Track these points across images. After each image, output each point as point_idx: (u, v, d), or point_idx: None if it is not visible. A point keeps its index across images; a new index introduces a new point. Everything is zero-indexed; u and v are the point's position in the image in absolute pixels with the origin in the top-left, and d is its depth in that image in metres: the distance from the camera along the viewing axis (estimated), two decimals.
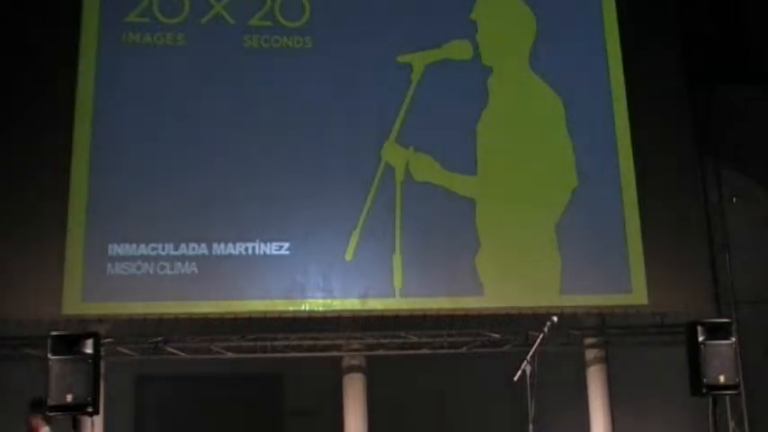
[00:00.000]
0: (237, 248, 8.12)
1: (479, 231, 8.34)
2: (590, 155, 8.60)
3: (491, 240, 8.32)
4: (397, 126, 8.48)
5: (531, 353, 6.28)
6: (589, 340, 8.95)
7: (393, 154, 8.42)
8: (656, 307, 8.42)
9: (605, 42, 8.91)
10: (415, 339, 8.45)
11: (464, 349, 8.48)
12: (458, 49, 8.69)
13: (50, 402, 6.74)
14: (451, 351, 8.46)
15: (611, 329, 8.91)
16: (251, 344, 8.38)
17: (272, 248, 8.19)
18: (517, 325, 8.26)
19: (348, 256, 8.19)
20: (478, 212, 8.40)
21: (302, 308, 8.26)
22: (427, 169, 8.42)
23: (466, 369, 8.75)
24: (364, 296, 8.14)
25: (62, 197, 8.41)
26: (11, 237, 8.22)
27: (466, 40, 8.70)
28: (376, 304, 8.18)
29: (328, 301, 8.21)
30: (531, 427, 6.16)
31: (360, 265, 8.15)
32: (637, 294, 8.38)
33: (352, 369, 8.62)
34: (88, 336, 7.00)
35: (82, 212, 8.27)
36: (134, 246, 8.08)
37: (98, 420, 7.37)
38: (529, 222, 8.42)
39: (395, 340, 8.46)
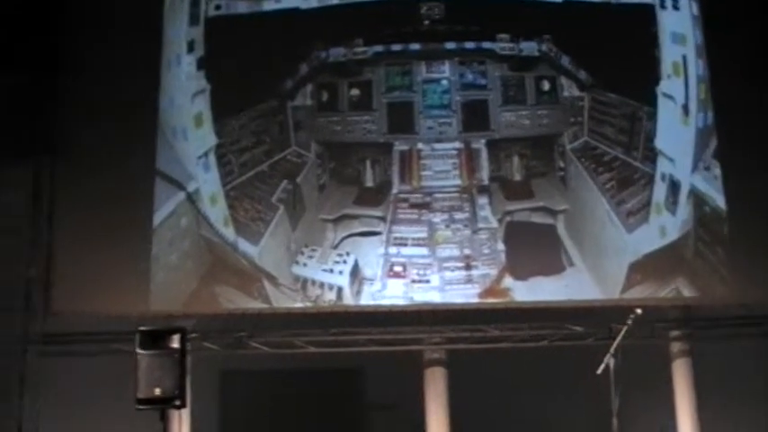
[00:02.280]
0: None
1: None
2: None
3: None
4: None
5: (614, 346, 6.22)
6: (674, 333, 8.78)
7: None
8: (742, 298, 8.25)
9: None
10: (496, 333, 8.42)
11: (546, 342, 8.41)
12: None
13: (139, 396, 6.88)
14: (533, 344, 8.39)
15: (697, 321, 8.73)
16: (333, 338, 8.46)
17: None
18: (600, 317, 8.17)
19: None
20: None
21: (383, 302, 8.43)
22: None
23: (548, 362, 8.65)
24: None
25: (149, 196, 8.67)
26: (100, 234, 8.49)
27: None
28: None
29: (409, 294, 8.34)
30: (614, 421, 6.10)
31: None
32: (723, 285, 8.24)
33: (432, 363, 8.61)
34: (174, 331, 7.11)
35: None
36: None
37: (185, 414, 7.53)
38: None
39: (476, 334, 8.44)
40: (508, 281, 8.38)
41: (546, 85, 8.68)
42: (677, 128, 8.53)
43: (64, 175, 8.82)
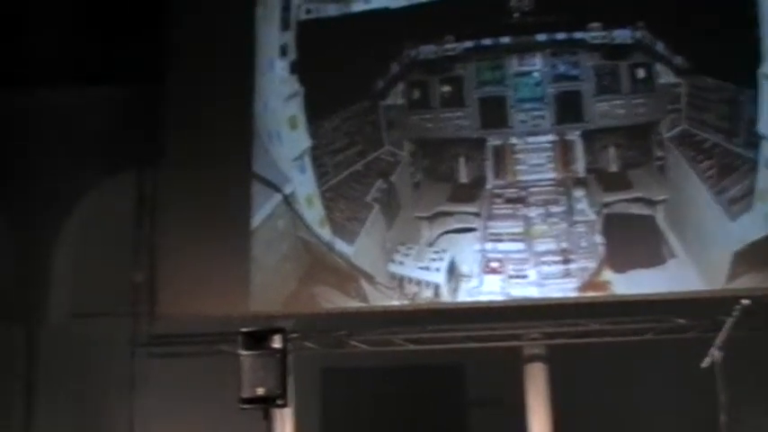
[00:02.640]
0: None
1: None
2: None
3: None
4: None
5: (720, 338, 6.03)
6: None
7: None
8: None
9: None
10: (596, 327, 8.27)
11: (648, 336, 8.20)
12: None
13: (243, 395, 7.01)
14: (635, 338, 8.21)
15: None
16: (431, 335, 8.47)
17: None
18: (704, 309, 7.95)
19: None
20: None
21: (480, 298, 8.40)
22: None
23: (651, 356, 8.47)
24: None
25: (246, 199, 8.85)
26: (201, 238, 8.71)
27: None
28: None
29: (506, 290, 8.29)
30: (722, 417, 5.91)
31: None
32: None
33: (532, 358, 8.52)
34: (275, 331, 7.21)
35: None
36: None
37: (287, 412, 7.64)
38: None
39: (576, 328, 8.31)
40: (607, 274, 8.23)
41: (641, 73, 8.48)
42: None
43: (166, 182, 9.08)
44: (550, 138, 8.57)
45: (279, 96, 9.02)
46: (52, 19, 10.20)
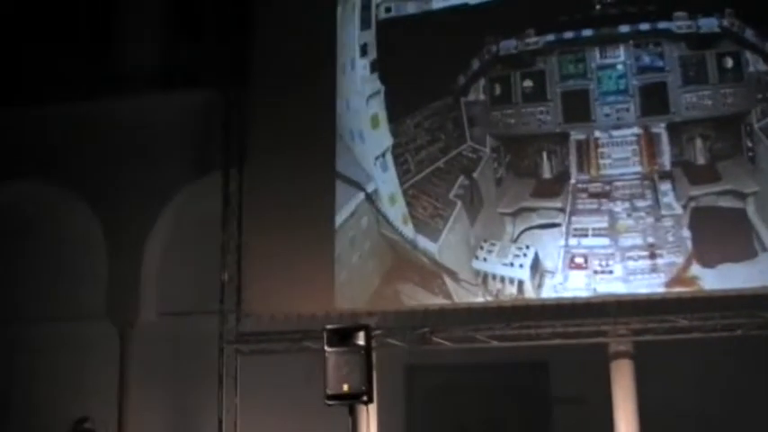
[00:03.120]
0: None
1: None
2: None
3: None
4: None
5: None
6: None
7: None
8: None
9: None
10: (685, 323, 8.09)
11: (739, 332, 7.98)
12: None
13: (328, 392, 7.08)
14: (725, 334, 8.00)
15: None
16: (515, 332, 8.40)
17: None
18: None
19: None
20: None
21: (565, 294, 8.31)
22: None
23: (741, 353, 8.24)
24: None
25: (330, 198, 8.93)
26: (286, 237, 8.84)
27: None
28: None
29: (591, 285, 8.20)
30: None
31: None
32: None
33: (619, 355, 8.37)
34: (359, 328, 7.27)
35: None
36: None
37: (372, 408, 7.67)
38: None
39: (663, 324, 8.14)
40: (696, 269, 8.05)
41: (729, 62, 8.27)
42: None
43: (251, 183, 9.23)
44: (635, 131, 8.43)
45: (360, 95, 9.08)
46: (139, 25, 10.49)
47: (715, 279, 8.02)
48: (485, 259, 8.56)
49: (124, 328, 9.73)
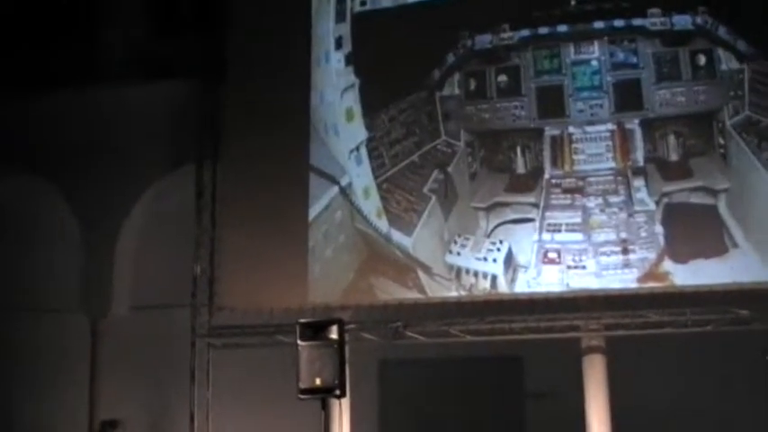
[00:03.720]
0: None
1: None
2: None
3: None
4: None
5: None
6: None
7: None
8: None
9: None
10: (656, 318, 8.14)
11: (710, 328, 8.03)
12: None
13: (301, 386, 7.07)
14: (696, 330, 8.05)
15: None
16: (489, 327, 8.42)
17: None
18: None
19: None
20: None
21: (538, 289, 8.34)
22: None
23: (712, 349, 8.31)
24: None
25: (304, 191, 8.91)
26: (259, 230, 8.82)
27: None
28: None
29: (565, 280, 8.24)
30: None
31: None
32: None
33: (591, 350, 8.41)
34: (332, 322, 7.27)
35: None
36: None
37: (345, 403, 7.67)
38: None
39: (635, 320, 8.18)
40: (668, 264, 8.10)
41: (702, 60, 8.32)
42: None
43: (225, 176, 9.18)
44: (609, 127, 8.46)
45: (335, 89, 9.05)
46: (113, 16, 10.40)
47: (687, 275, 8.07)
48: (458, 254, 8.57)
49: (96, 320, 9.66)
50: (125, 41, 10.32)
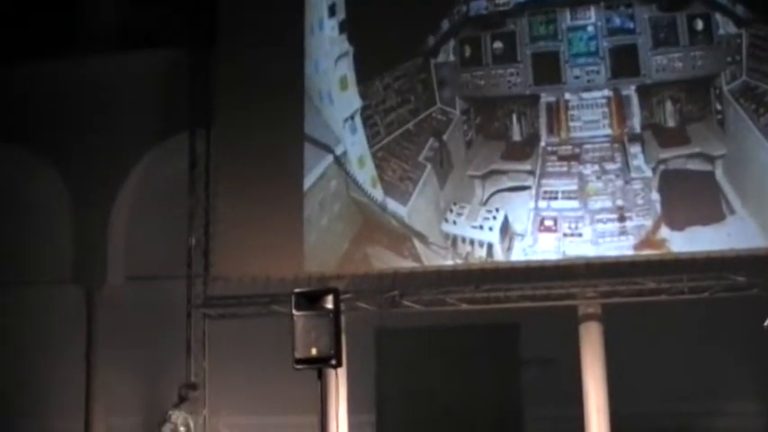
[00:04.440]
0: None
1: None
2: None
3: None
4: None
5: None
6: None
7: None
8: None
9: None
10: (653, 285, 8.13)
11: (706, 294, 8.04)
12: None
13: (297, 356, 7.02)
14: (693, 297, 8.05)
15: None
16: (485, 295, 8.41)
17: None
18: (766, 266, 7.77)
19: None
20: None
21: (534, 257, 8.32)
22: None
23: (709, 315, 8.30)
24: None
25: (299, 160, 8.84)
26: (254, 200, 8.78)
27: None
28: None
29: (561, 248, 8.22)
30: None
31: None
32: None
33: (588, 317, 8.41)
34: (328, 292, 7.18)
35: None
36: None
37: (341, 372, 7.65)
38: None
39: (632, 287, 8.18)
40: (664, 231, 8.09)
41: (699, 24, 8.24)
42: None
43: (219, 145, 9.11)
44: (605, 93, 8.41)
45: (329, 57, 8.96)
46: None
47: (683, 242, 8.07)
48: (454, 222, 8.54)
49: (91, 291, 9.62)
50: (117, 9, 10.19)
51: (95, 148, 9.52)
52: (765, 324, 5.89)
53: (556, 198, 8.39)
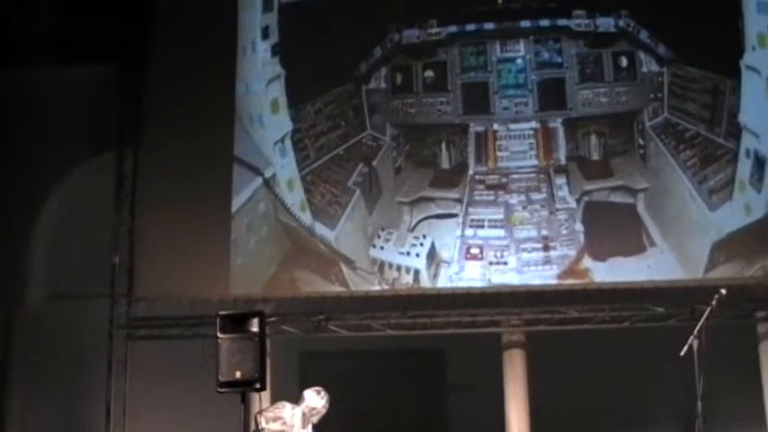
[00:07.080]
0: None
1: None
2: None
3: None
4: None
5: (698, 327, 6.04)
6: (760, 313, 8.51)
7: None
8: None
9: None
10: (575, 314, 8.29)
11: (627, 324, 8.24)
12: None
13: (220, 379, 6.96)
14: (613, 326, 8.24)
15: None
16: (411, 321, 8.45)
17: None
18: (683, 298, 8.00)
19: None
20: None
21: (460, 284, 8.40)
22: None
23: (629, 344, 8.50)
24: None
25: (227, 182, 8.79)
26: (181, 221, 8.67)
27: None
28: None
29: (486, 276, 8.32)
30: (699, 404, 5.93)
31: None
32: None
33: (512, 345, 8.54)
34: (253, 314, 7.17)
35: None
36: None
37: (265, 396, 7.60)
38: None
39: (555, 315, 8.33)
40: (587, 261, 8.27)
41: (624, 61, 8.49)
42: (762, 102, 8.24)
43: (146, 164, 9.00)
44: (533, 125, 8.58)
45: (261, 79, 8.96)
46: None
47: (605, 272, 8.26)
48: (382, 248, 8.59)
49: (9, 310, 9.38)
50: (47, 21, 10.01)
51: (20, 161, 9.31)
52: (682, 354, 6.03)
53: (482, 226, 8.51)
